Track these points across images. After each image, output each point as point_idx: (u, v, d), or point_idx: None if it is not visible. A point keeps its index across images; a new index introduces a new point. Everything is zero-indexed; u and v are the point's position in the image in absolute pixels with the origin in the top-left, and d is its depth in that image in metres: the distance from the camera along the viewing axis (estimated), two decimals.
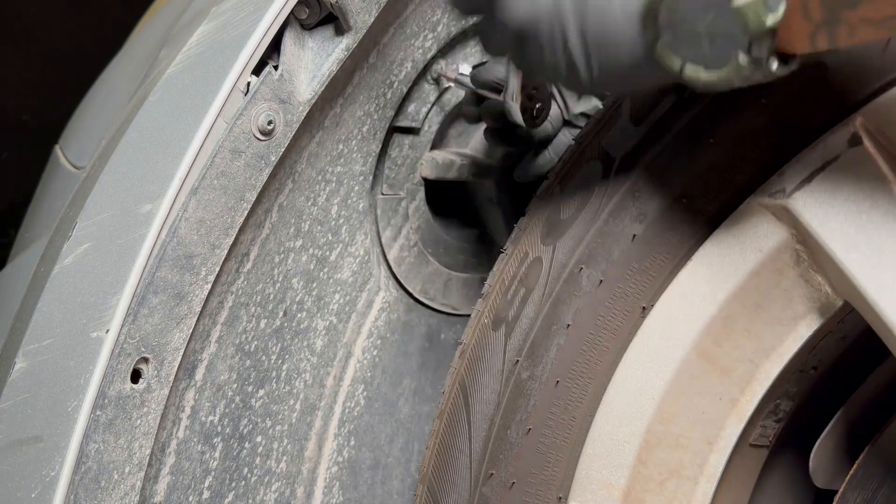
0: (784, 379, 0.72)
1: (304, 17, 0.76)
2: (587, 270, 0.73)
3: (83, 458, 0.66)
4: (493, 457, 0.75)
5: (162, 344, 0.70)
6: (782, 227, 0.67)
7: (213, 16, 0.75)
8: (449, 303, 1.03)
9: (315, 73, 0.77)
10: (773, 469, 0.82)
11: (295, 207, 0.85)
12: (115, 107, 0.99)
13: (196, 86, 0.72)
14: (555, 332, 0.74)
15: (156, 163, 0.71)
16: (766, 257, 0.68)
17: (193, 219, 0.71)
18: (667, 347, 0.72)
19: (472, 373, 0.77)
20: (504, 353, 0.76)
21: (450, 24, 0.92)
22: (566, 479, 0.74)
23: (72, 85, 1.39)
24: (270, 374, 0.86)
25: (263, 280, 0.84)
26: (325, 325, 0.91)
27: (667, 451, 0.73)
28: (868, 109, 0.64)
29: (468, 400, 0.76)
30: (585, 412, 0.74)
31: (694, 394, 0.72)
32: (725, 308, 0.70)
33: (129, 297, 0.68)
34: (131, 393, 0.69)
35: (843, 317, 0.69)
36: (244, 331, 0.83)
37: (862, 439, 0.76)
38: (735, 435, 0.72)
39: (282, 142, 0.76)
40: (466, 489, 0.76)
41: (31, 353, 0.68)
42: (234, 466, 0.84)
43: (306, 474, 0.91)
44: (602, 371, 0.73)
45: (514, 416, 0.75)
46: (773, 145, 0.67)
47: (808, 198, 0.66)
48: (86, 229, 0.70)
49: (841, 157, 0.64)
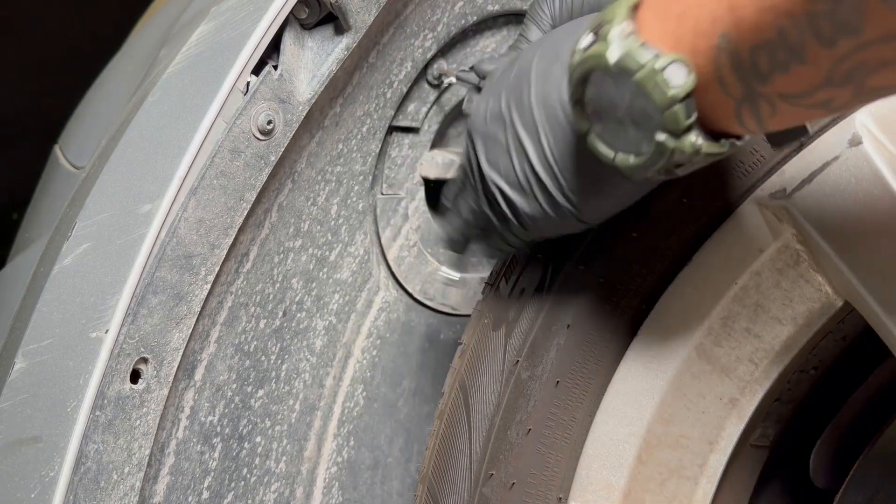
0: (784, 379, 0.72)
1: (303, 16, 0.76)
2: (587, 270, 0.73)
3: (82, 459, 0.66)
4: (494, 457, 0.75)
5: (161, 344, 0.70)
6: (782, 228, 0.67)
7: (213, 16, 0.75)
8: (449, 303, 1.02)
9: (315, 73, 0.77)
10: (773, 469, 0.82)
11: (294, 207, 0.85)
12: (115, 107, 0.98)
13: (196, 86, 0.72)
14: (555, 332, 0.74)
15: (155, 163, 0.71)
16: (766, 257, 0.68)
17: (193, 219, 0.71)
18: (667, 347, 0.72)
19: (472, 373, 0.77)
20: (504, 353, 0.76)
21: (450, 24, 0.92)
22: (566, 479, 0.74)
23: (71, 85, 1.39)
24: (270, 375, 0.86)
25: (263, 280, 0.84)
26: (325, 325, 0.91)
27: (667, 451, 0.73)
28: (869, 108, 0.64)
29: (468, 400, 0.76)
30: (585, 412, 0.74)
31: (694, 394, 0.72)
32: (725, 308, 0.70)
33: (128, 298, 0.68)
34: (130, 393, 0.69)
35: (843, 317, 0.69)
36: (243, 331, 0.83)
37: (862, 439, 0.76)
38: (735, 435, 0.72)
39: (281, 141, 0.75)
40: (466, 489, 0.76)
41: (31, 354, 0.68)
42: (234, 467, 0.84)
43: (305, 474, 0.91)
44: (602, 371, 0.73)
45: (514, 416, 0.75)
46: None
47: (808, 198, 0.66)
48: (85, 229, 0.70)
49: (841, 157, 0.64)
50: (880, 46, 0.43)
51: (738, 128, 0.52)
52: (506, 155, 0.65)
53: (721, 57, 0.48)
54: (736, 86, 0.49)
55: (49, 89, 1.97)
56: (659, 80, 0.50)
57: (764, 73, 0.47)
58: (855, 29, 0.42)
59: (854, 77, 0.45)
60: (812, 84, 0.46)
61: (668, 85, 0.50)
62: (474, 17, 0.93)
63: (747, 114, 0.50)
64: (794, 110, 0.49)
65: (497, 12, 0.95)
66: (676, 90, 0.50)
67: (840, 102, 0.47)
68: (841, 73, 0.45)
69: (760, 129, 0.52)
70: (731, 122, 0.51)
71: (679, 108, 0.50)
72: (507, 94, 0.66)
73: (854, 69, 0.44)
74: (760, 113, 0.50)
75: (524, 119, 0.64)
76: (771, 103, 0.49)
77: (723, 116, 0.51)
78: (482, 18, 0.94)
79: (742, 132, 0.53)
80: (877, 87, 0.45)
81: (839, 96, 0.46)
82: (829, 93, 0.46)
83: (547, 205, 0.64)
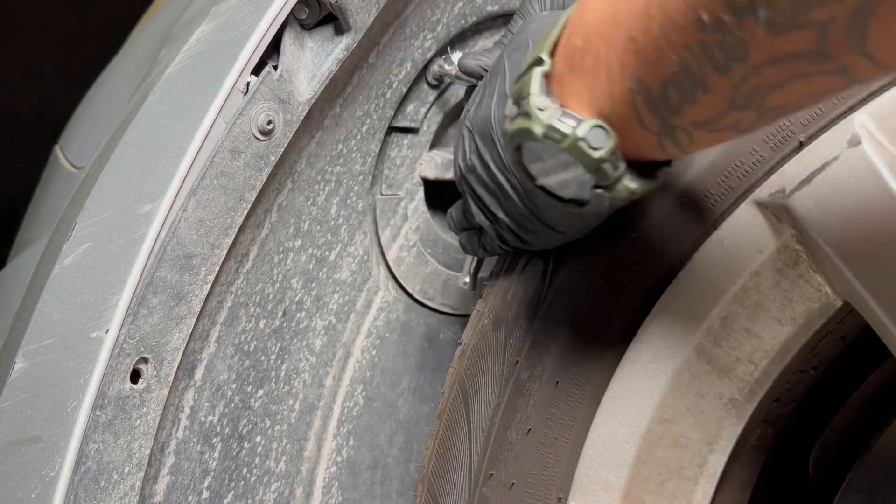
0: (784, 379, 0.72)
1: (303, 16, 0.76)
2: (587, 270, 0.73)
3: (83, 459, 0.66)
4: (493, 457, 0.75)
5: (161, 344, 0.70)
6: (782, 228, 0.68)
7: (213, 16, 0.75)
8: (448, 303, 1.03)
9: (314, 73, 0.77)
10: (773, 469, 0.82)
11: (294, 207, 0.85)
12: (115, 107, 0.98)
13: (196, 86, 0.72)
14: (555, 333, 0.74)
15: (155, 163, 0.71)
16: (766, 257, 0.68)
17: (193, 219, 0.71)
18: (667, 347, 0.72)
19: (472, 373, 0.77)
20: (504, 353, 0.76)
21: (449, 24, 0.92)
22: (566, 479, 0.74)
23: (71, 84, 1.39)
24: (269, 374, 0.86)
25: (263, 280, 0.84)
26: (324, 325, 0.91)
27: (667, 451, 0.73)
28: (869, 109, 0.64)
29: (468, 400, 0.76)
30: (585, 412, 0.74)
31: (694, 394, 0.72)
32: (725, 308, 0.70)
33: (128, 298, 0.68)
34: (131, 393, 0.69)
35: (843, 317, 0.69)
36: (243, 331, 0.83)
37: (861, 439, 0.76)
38: (735, 435, 0.72)
39: (281, 142, 0.76)
40: (466, 489, 0.76)
41: (31, 354, 0.68)
42: (234, 466, 0.84)
43: (305, 474, 0.91)
44: (602, 371, 0.73)
45: (514, 416, 0.75)
46: None
47: (807, 198, 0.66)
48: (85, 229, 0.70)
49: (840, 157, 0.64)
50: (769, 70, 0.45)
51: (665, 155, 0.56)
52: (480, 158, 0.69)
53: (635, 98, 0.52)
54: (653, 121, 0.53)
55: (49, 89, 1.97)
56: (583, 146, 0.55)
57: (675, 106, 0.50)
58: (743, 56, 0.45)
59: (753, 99, 0.48)
60: (718, 110, 0.49)
61: (593, 148, 0.55)
62: (474, 17, 0.93)
63: (668, 144, 0.54)
64: (708, 135, 0.52)
65: (497, 13, 0.95)
66: (601, 152, 0.55)
67: (748, 123, 0.50)
68: (740, 96, 0.48)
69: (683, 153, 0.55)
70: (657, 152, 0.55)
71: (606, 165, 0.55)
72: (484, 96, 0.69)
73: (751, 92, 0.47)
74: (680, 142, 0.53)
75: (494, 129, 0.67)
76: (687, 132, 0.52)
77: (648, 149, 0.55)
78: (482, 19, 0.94)
79: (666, 157, 0.57)
80: (776, 106, 0.48)
81: (745, 118, 0.50)
82: (735, 116, 0.50)
83: (518, 213, 0.68)
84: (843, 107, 0.65)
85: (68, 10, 2.24)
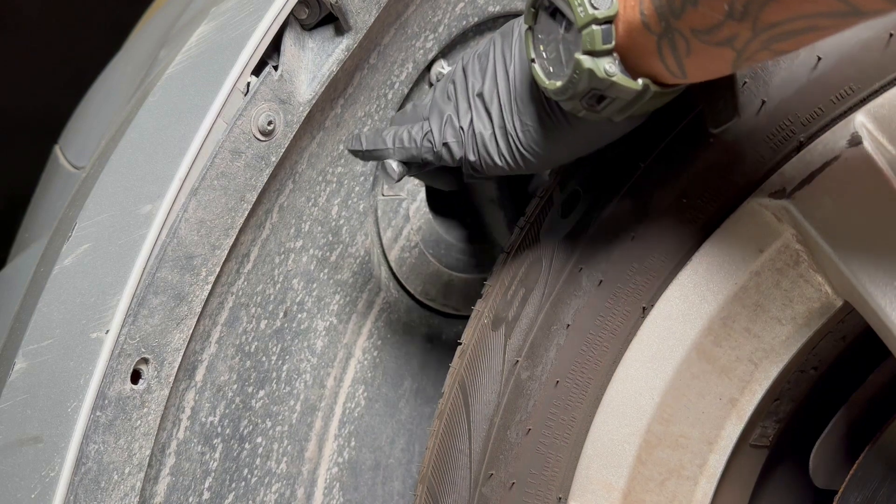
0: (784, 379, 0.72)
1: (304, 17, 0.76)
2: (587, 270, 0.73)
3: (83, 459, 0.66)
4: (493, 457, 0.75)
5: (162, 345, 0.70)
6: (782, 228, 0.68)
7: (213, 16, 0.75)
8: (450, 303, 1.03)
9: (315, 74, 0.77)
10: (773, 469, 0.82)
11: (295, 208, 0.85)
12: (115, 107, 0.99)
13: (196, 86, 0.73)
14: (555, 332, 0.74)
15: (156, 163, 0.71)
16: (766, 257, 0.68)
17: (193, 219, 0.71)
18: (667, 347, 0.72)
19: (472, 373, 0.77)
20: (504, 353, 0.76)
21: (451, 25, 0.92)
22: (566, 479, 0.74)
23: (71, 84, 1.40)
24: (271, 375, 0.86)
25: (264, 281, 0.84)
26: (326, 326, 0.91)
27: (667, 451, 0.73)
28: (869, 108, 0.64)
29: (468, 400, 0.76)
30: (585, 412, 0.74)
31: (694, 394, 0.72)
32: (725, 308, 0.70)
33: (128, 298, 0.68)
34: (131, 394, 0.69)
35: (843, 317, 0.69)
36: (244, 331, 0.83)
37: (862, 439, 0.76)
38: (735, 435, 0.72)
39: (282, 142, 0.76)
40: (466, 489, 0.76)
41: (31, 354, 0.68)
42: (234, 467, 0.84)
43: (306, 475, 0.91)
44: (602, 371, 0.73)
45: (514, 416, 0.75)
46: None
47: (807, 198, 0.66)
48: (85, 230, 0.70)
49: (841, 157, 0.64)
50: None
51: (661, 66, 0.59)
52: (481, 77, 0.72)
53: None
54: (655, 21, 0.56)
55: (49, 89, 1.97)
56: (585, 2, 0.58)
57: (677, 8, 0.54)
58: None
59: (750, 10, 0.51)
60: (716, 18, 0.53)
61: (593, 6, 0.58)
62: (475, 18, 0.93)
63: (667, 50, 0.57)
64: (705, 48, 0.55)
65: (498, 13, 0.95)
66: (597, 11, 0.58)
67: (743, 41, 0.53)
68: (738, 4, 0.51)
69: (680, 70, 0.58)
70: (654, 59, 0.58)
71: (597, 29, 0.58)
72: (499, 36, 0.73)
73: (749, 2, 0.50)
74: (678, 49, 0.56)
75: (505, 51, 0.71)
76: (685, 39, 0.55)
77: (646, 54, 0.58)
78: (483, 20, 0.94)
79: (664, 73, 0.59)
80: (772, 23, 0.51)
81: (741, 33, 0.53)
82: (731, 28, 0.53)
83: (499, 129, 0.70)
84: (843, 107, 0.64)
85: (68, 10, 2.24)
